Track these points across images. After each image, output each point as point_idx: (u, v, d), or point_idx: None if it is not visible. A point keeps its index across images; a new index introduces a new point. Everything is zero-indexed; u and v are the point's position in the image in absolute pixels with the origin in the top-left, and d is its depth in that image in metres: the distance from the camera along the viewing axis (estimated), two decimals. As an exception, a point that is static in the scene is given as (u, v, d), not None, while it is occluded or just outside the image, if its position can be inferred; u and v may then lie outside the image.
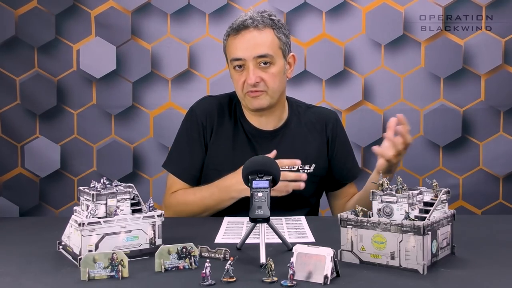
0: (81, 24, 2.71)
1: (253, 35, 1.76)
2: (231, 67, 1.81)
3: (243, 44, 1.77)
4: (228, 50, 1.82)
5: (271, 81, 1.78)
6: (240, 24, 1.77)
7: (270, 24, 1.79)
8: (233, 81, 1.84)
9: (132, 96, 2.73)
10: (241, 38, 1.77)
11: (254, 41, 1.76)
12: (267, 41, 1.77)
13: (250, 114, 1.88)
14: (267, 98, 1.80)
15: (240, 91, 1.81)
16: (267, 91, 1.79)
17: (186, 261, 1.16)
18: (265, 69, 1.77)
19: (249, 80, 1.75)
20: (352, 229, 1.19)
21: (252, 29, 1.76)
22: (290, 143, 1.87)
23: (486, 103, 2.69)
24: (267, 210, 1.19)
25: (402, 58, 2.70)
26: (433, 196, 1.24)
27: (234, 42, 1.79)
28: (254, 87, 1.76)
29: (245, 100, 1.81)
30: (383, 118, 2.70)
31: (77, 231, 1.20)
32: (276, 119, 1.90)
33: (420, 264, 1.11)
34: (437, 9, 2.69)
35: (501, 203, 2.70)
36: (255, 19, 1.77)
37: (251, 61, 1.76)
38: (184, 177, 1.88)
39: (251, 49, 1.75)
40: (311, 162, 1.86)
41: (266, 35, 1.78)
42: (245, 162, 1.32)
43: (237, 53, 1.77)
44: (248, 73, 1.76)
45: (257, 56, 1.75)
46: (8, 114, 2.73)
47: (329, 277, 1.05)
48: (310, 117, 1.94)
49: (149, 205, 1.28)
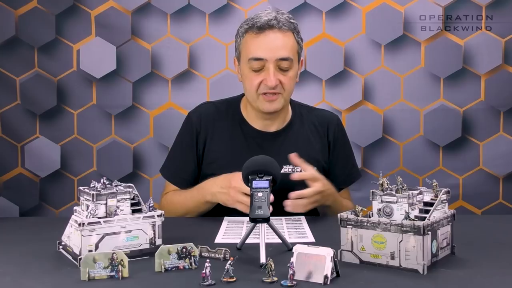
0: (81, 24, 2.71)
1: (277, 36, 1.74)
2: (247, 66, 1.77)
3: (267, 45, 1.73)
4: (246, 47, 1.77)
5: (288, 84, 1.77)
6: (265, 23, 1.73)
7: (292, 27, 1.78)
8: (246, 80, 1.79)
9: (132, 96, 2.73)
10: (264, 37, 1.73)
11: (277, 43, 1.74)
12: (289, 44, 1.76)
13: (255, 116, 1.88)
14: (281, 102, 1.79)
15: (254, 91, 1.78)
16: (282, 94, 1.78)
17: (186, 261, 1.16)
18: (284, 72, 1.76)
19: (270, 82, 1.72)
20: (352, 229, 1.19)
21: (276, 30, 1.74)
22: (293, 144, 1.87)
23: (486, 103, 2.69)
24: (267, 210, 1.20)
25: (402, 58, 2.70)
26: (433, 196, 1.24)
27: (255, 40, 1.74)
28: (272, 89, 1.75)
29: (258, 101, 1.79)
30: (383, 118, 2.70)
31: (77, 231, 1.20)
32: (280, 121, 1.90)
33: (420, 264, 1.11)
34: (437, 9, 2.69)
35: (501, 203, 2.70)
36: (280, 20, 1.74)
37: (273, 63, 1.73)
38: (175, 180, 1.91)
39: (274, 51, 1.73)
40: (313, 163, 1.85)
41: (288, 38, 1.76)
42: (245, 162, 1.32)
43: (258, 53, 1.73)
44: (268, 74, 1.73)
45: (279, 58, 1.73)
46: (8, 114, 2.73)
47: (329, 277, 1.05)
48: (312, 119, 1.94)
49: (149, 205, 1.28)
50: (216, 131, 1.89)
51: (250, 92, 1.80)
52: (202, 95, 2.69)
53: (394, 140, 2.70)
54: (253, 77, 1.76)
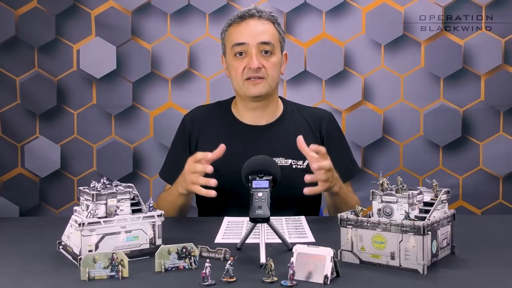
0: (81, 24, 2.71)
1: (257, 23, 1.84)
2: (231, 54, 1.85)
3: (248, 30, 1.83)
4: (229, 37, 1.86)
5: (271, 69, 1.84)
6: (245, 12, 1.85)
7: (271, 18, 1.88)
8: (232, 69, 1.86)
9: (132, 96, 2.73)
10: (245, 24, 1.84)
11: (258, 28, 1.84)
12: (270, 30, 1.86)
13: (244, 110, 1.92)
14: (266, 86, 1.85)
15: (240, 77, 1.84)
16: (267, 79, 1.84)
17: (186, 261, 1.16)
18: (266, 57, 1.83)
19: (253, 64, 1.80)
20: (352, 229, 1.19)
21: (256, 18, 1.85)
22: (282, 138, 1.89)
23: (486, 103, 2.69)
24: (267, 210, 1.19)
25: (402, 58, 2.70)
26: (433, 196, 1.24)
27: (237, 29, 1.85)
28: (255, 73, 1.81)
29: (244, 87, 1.85)
30: (383, 118, 2.70)
31: (77, 231, 1.20)
32: (270, 114, 1.93)
33: (420, 264, 1.11)
34: (437, 9, 2.69)
35: (501, 203, 2.70)
36: (260, 10, 1.86)
37: (255, 46, 1.81)
38: (171, 181, 1.92)
39: (255, 35, 1.82)
40: (304, 157, 1.84)
41: (268, 26, 1.86)
42: (245, 162, 1.32)
43: (241, 38, 1.83)
44: (251, 58, 1.81)
45: (260, 42, 1.82)
46: (8, 114, 2.73)
47: (329, 277, 1.05)
48: (304, 116, 1.97)
49: (149, 205, 1.28)
50: (207, 129, 1.94)
51: (236, 80, 1.86)
52: (202, 95, 2.70)
53: (394, 140, 2.71)
54: (237, 64, 1.84)
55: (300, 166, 1.86)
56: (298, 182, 1.75)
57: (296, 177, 1.79)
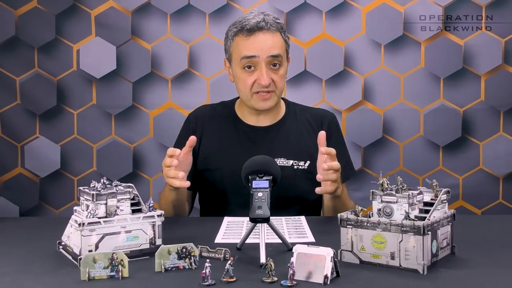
0: (81, 24, 2.71)
1: (266, 37, 1.81)
2: (239, 66, 1.83)
3: (258, 44, 1.80)
4: (237, 48, 1.84)
5: (280, 82, 1.84)
6: (254, 26, 1.80)
7: (279, 27, 1.85)
8: (239, 81, 1.85)
9: (132, 96, 2.73)
10: (254, 39, 1.80)
11: (268, 43, 1.81)
12: (279, 42, 1.83)
13: (248, 113, 1.93)
14: (274, 99, 1.86)
15: (248, 91, 1.83)
16: (275, 91, 1.84)
17: (186, 261, 1.16)
18: (275, 70, 1.82)
19: (263, 81, 1.79)
20: (352, 229, 1.19)
21: (265, 31, 1.81)
22: (285, 138, 1.90)
23: (486, 103, 2.69)
24: (267, 210, 1.20)
25: (402, 58, 2.70)
26: (433, 196, 1.24)
27: (246, 42, 1.81)
28: (265, 88, 1.81)
29: (252, 100, 1.85)
30: (383, 118, 2.70)
31: (77, 231, 1.20)
32: (273, 116, 1.94)
33: (420, 264, 1.11)
34: (437, 9, 2.69)
35: (501, 203, 2.70)
36: (268, 22, 1.82)
37: (264, 60, 1.80)
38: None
39: (265, 49, 1.79)
40: (305, 158, 1.87)
41: (277, 37, 1.84)
42: (245, 162, 1.32)
43: (250, 51, 1.80)
44: (261, 73, 1.80)
45: (270, 56, 1.80)
46: (8, 114, 2.73)
47: (329, 277, 1.05)
48: (307, 116, 1.98)
49: (149, 205, 1.28)
50: (210, 128, 1.95)
51: (244, 92, 1.86)
52: (202, 95, 2.70)
53: (394, 140, 2.70)
54: (246, 77, 1.82)
55: (301, 166, 1.86)
56: (299, 182, 1.76)
57: (297, 178, 1.80)
